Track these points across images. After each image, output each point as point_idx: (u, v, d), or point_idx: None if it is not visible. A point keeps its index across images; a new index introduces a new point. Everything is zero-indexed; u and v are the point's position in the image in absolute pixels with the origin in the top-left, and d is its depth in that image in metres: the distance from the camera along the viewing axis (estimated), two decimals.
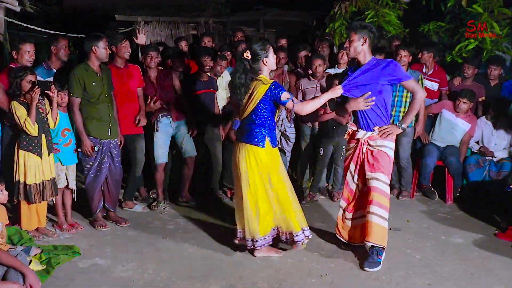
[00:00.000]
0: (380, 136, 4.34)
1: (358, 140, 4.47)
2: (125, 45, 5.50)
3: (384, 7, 7.49)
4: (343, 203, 4.70)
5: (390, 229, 5.20)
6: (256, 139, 4.31)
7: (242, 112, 4.39)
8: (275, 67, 4.57)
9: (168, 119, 5.78)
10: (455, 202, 6.16)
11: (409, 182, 6.38)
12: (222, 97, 6.25)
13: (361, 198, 4.57)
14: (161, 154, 5.78)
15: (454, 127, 6.27)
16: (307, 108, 4.34)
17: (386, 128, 4.32)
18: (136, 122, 5.59)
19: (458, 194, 6.24)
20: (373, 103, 4.31)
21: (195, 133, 5.92)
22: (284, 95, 4.21)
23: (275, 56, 4.44)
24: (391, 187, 6.44)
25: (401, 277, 4.21)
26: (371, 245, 4.37)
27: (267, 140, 4.33)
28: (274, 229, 4.50)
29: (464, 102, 6.16)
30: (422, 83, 6.14)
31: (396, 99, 6.19)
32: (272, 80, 4.29)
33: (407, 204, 6.15)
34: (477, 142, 6.37)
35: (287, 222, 4.43)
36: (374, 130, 4.38)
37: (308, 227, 4.57)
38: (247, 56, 4.27)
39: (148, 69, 5.73)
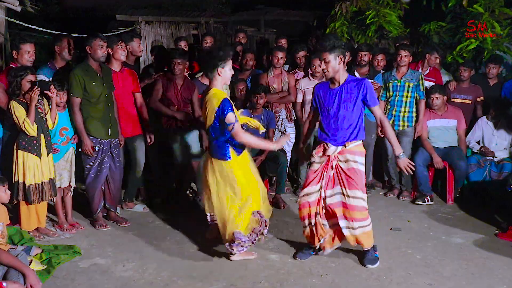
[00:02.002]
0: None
1: (327, 156, 4.35)
2: (120, 47, 5.45)
3: (385, 7, 7.49)
4: (322, 221, 4.39)
5: (390, 229, 5.24)
6: (221, 154, 4.32)
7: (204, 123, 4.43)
8: (229, 82, 4.50)
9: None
10: (456, 202, 6.15)
11: (409, 182, 6.37)
12: None
13: (331, 209, 4.35)
14: (184, 153, 5.79)
15: (443, 130, 6.26)
16: (244, 139, 4.28)
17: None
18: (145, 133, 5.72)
19: (458, 194, 6.23)
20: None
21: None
22: (229, 118, 4.16)
23: (232, 72, 4.32)
24: (392, 187, 6.46)
25: (402, 277, 4.21)
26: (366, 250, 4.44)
27: (232, 151, 4.31)
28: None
29: (437, 97, 6.14)
30: (422, 83, 6.14)
31: (396, 99, 6.19)
32: (224, 97, 4.19)
33: (407, 204, 6.15)
34: (478, 142, 6.37)
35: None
36: (345, 145, 4.29)
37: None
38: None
39: (175, 75, 5.71)
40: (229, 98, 4.24)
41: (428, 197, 6.12)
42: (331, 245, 4.51)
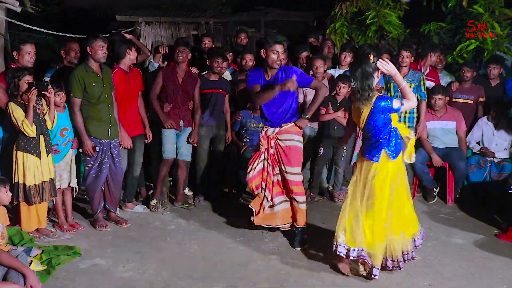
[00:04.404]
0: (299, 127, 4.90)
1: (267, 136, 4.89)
2: (134, 50, 5.59)
3: (385, 7, 7.49)
4: (267, 194, 4.93)
5: None
6: (371, 153, 4.12)
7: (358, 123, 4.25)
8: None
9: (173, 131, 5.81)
10: (456, 203, 6.16)
11: (410, 183, 6.35)
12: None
13: (278, 185, 4.96)
14: (171, 149, 5.77)
15: (441, 132, 6.27)
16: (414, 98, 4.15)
17: (298, 122, 4.86)
18: (147, 138, 5.79)
19: (458, 195, 6.24)
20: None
21: (195, 141, 5.95)
22: (395, 103, 4.01)
23: None
24: None
25: (402, 277, 4.21)
26: (298, 227, 4.87)
27: (384, 153, 4.07)
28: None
29: (439, 98, 6.16)
30: (423, 84, 6.13)
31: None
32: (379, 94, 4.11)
33: None
34: (478, 143, 6.37)
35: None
36: (282, 126, 4.83)
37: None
38: (372, 60, 4.03)
39: (177, 64, 5.76)
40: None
41: (434, 188, 6.24)
42: (271, 222, 4.96)
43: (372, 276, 4.08)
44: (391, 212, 4.10)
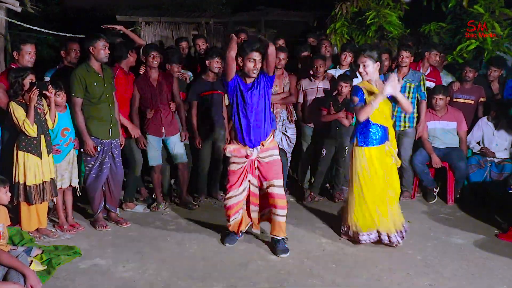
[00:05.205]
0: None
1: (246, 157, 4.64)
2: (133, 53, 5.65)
3: (385, 7, 7.49)
4: (255, 209, 4.84)
5: None
6: (355, 139, 4.78)
7: None
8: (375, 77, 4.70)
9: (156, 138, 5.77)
10: (456, 203, 6.15)
11: (410, 183, 6.37)
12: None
13: (263, 198, 4.79)
14: (155, 156, 5.77)
15: (441, 132, 6.26)
16: (361, 115, 4.58)
17: None
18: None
19: (458, 195, 6.23)
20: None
21: (186, 138, 5.95)
22: (354, 100, 4.64)
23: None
24: None
25: (402, 278, 4.21)
26: (278, 238, 4.70)
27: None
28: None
29: (440, 98, 6.15)
30: (423, 84, 6.13)
31: None
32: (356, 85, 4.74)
33: (408, 204, 6.13)
34: (478, 143, 6.37)
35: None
36: (262, 144, 4.62)
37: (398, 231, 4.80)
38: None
39: (149, 69, 5.71)
40: (360, 87, 4.64)
41: (434, 189, 6.25)
42: (245, 226, 4.93)
43: (395, 244, 4.72)
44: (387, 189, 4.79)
